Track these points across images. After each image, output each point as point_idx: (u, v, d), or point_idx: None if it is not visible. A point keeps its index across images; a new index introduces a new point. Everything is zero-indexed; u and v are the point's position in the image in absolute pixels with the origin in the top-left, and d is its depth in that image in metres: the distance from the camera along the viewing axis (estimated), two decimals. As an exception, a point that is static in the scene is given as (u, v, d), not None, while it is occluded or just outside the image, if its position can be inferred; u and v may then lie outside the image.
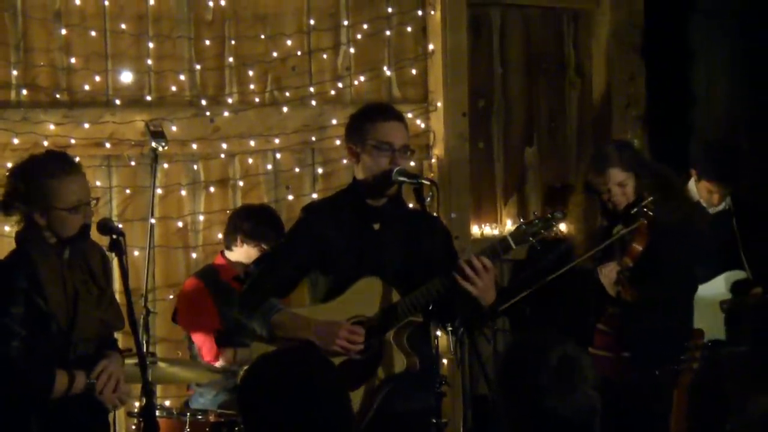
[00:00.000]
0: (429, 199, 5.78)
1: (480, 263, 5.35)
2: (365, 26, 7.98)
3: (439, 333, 6.09)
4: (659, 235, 6.36)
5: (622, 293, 6.28)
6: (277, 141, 7.77)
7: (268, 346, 5.47)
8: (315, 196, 7.75)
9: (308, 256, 5.68)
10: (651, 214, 6.28)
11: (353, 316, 5.53)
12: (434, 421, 5.92)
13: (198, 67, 7.70)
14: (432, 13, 8.02)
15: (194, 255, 7.64)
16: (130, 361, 5.57)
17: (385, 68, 8.03)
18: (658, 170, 6.62)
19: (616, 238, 6.35)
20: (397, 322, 5.50)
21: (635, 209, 6.36)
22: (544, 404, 3.62)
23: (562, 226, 5.93)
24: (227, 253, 7.10)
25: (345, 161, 7.83)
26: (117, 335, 5.84)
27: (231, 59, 7.76)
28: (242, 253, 7.06)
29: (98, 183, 7.36)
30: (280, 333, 5.52)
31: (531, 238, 5.53)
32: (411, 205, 5.74)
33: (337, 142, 7.81)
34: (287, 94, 7.84)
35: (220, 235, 7.29)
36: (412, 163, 6.38)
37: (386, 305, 5.53)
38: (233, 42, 7.76)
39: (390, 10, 8.03)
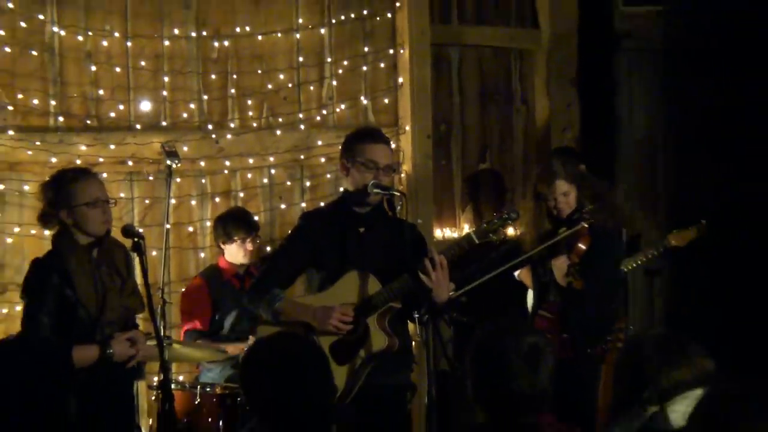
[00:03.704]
0: (399, 207, 5.82)
1: (438, 259, 5.40)
2: (345, 62, 7.98)
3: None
4: (596, 238, 6.39)
5: (573, 283, 6.29)
6: (271, 159, 7.77)
7: (272, 328, 5.53)
8: (304, 205, 7.76)
9: (304, 255, 5.72)
10: (591, 219, 6.32)
11: (343, 303, 5.56)
12: (408, 394, 5.94)
13: (205, 97, 7.69)
14: (401, 51, 8.03)
15: (202, 255, 7.64)
16: (150, 343, 5.58)
17: (362, 98, 8.03)
18: (595, 183, 6.65)
19: (561, 237, 6.36)
20: (379, 307, 5.54)
21: (576, 215, 6.39)
22: (511, 385, 3.64)
23: (511, 230, 5.94)
24: (225, 256, 7.14)
25: (329, 176, 7.87)
26: (139, 321, 5.86)
27: (233, 90, 7.76)
28: (232, 253, 7.10)
29: (122, 194, 7.35)
30: (283, 317, 5.57)
31: (491, 235, 5.57)
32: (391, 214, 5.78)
33: (322, 160, 7.84)
34: (280, 119, 7.84)
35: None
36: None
37: (369, 294, 5.57)
38: (235, 76, 7.76)
39: (366, 49, 8.03)
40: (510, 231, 8.23)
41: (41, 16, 7.35)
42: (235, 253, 7.08)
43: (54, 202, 5.47)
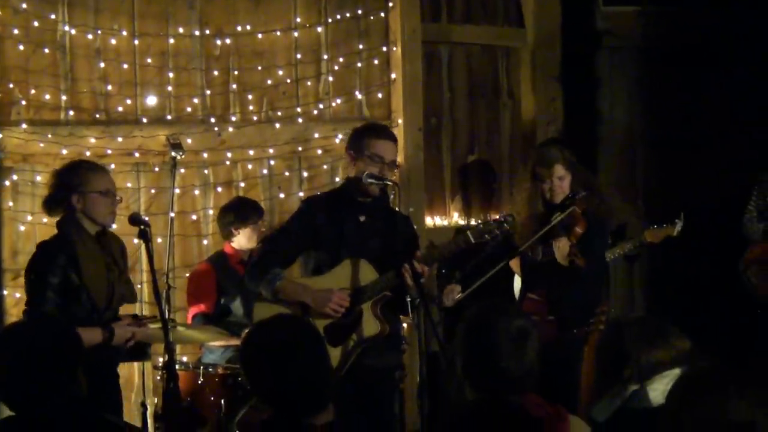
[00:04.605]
0: (392, 196, 5.82)
1: (419, 268, 5.44)
2: (341, 59, 7.97)
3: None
4: (590, 222, 6.37)
5: (576, 261, 6.24)
6: (271, 151, 7.76)
7: (269, 306, 5.53)
8: (301, 194, 7.75)
9: (304, 238, 5.73)
10: (583, 205, 6.29)
11: (341, 288, 5.56)
12: (397, 374, 5.95)
13: (208, 92, 7.68)
14: (394, 49, 8.02)
15: (205, 242, 7.64)
16: (155, 326, 5.58)
17: (356, 93, 8.02)
18: (587, 174, 6.64)
19: (556, 222, 6.32)
20: (374, 295, 5.55)
21: (568, 201, 6.37)
22: (499, 365, 3.63)
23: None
24: (231, 244, 7.11)
25: (325, 166, 7.87)
26: (144, 306, 5.86)
27: (234, 86, 7.74)
28: (243, 239, 7.07)
29: (129, 184, 7.36)
30: (282, 296, 5.58)
31: (486, 236, 5.60)
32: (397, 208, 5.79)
33: (319, 152, 7.83)
34: (279, 113, 7.82)
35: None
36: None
37: (366, 281, 5.57)
38: (236, 72, 7.74)
39: (361, 46, 8.02)
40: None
41: (53, 16, 7.35)
42: (249, 237, 7.04)
43: (67, 185, 5.47)
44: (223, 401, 6.14)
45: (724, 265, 7.93)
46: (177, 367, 5.52)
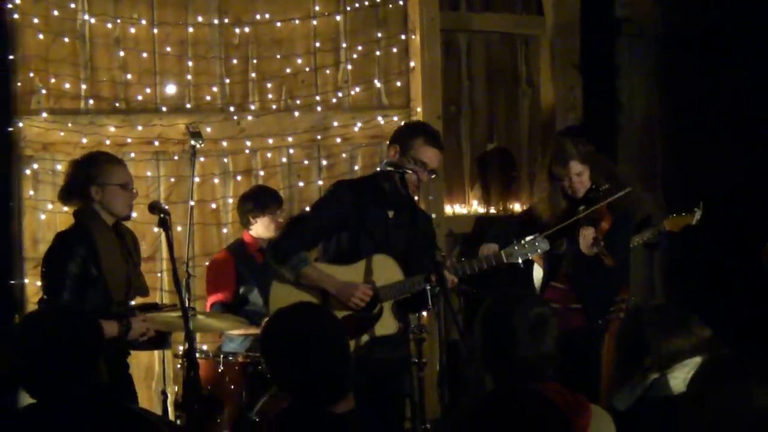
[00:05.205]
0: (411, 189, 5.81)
1: (450, 278, 5.50)
2: (360, 47, 7.96)
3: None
4: (615, 216, 6.34)
5: (605, 260, 6.22)
6: (290, 139, 7.76)
7: (288, 288, 5.53)
8: (320, 183, 7.76)
9: (332, 222, 5.72)
10: (608, 198, 6.26)
11: (365, 281, 5.56)
12: (416, 361, 5.95)
13: (227, 80, 7.68)
14: (413, 37, 8.00)
15: (225, 230, 7.64)
16: (175, 314, 5.59)
17: (375, 81, 8.00)
18: (606, 162, 6.60)
19: (581, 216, 6.30)
20: (397, 295, 5.56)
21: (592, 194, 6.34)
22: (517, 353, 3.63)
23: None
24: (250, 232, 7.11)
25: (344, 155, 7.87)
26: (164, 294, 5.86)
27: (253, 74, 7.74)
28: (260, 228, 7.07)
29: (149, 173, 7.38)
30: (305, 281, 5.57)
31: (519, 258, 5.63)
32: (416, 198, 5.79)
33: (338, 140, 7.83)
34: (298, 101, 7.82)
35: (245, 215, 7.29)
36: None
37: (391, 279, 5.57)
38: (255, 61, 7.74)
39: (379, 34, 8.00)
40: (517, 207, 8.25)
41: (72, 5, 7.36)
42: (267, 226, 7.04)
43: (87, 176, 5.48)
44: (243, 390, 6.15)
45: (745, 253, 7.88)
46: (197, 355, 5.53)
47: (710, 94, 8.69)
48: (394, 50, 8.04)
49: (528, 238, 5.75)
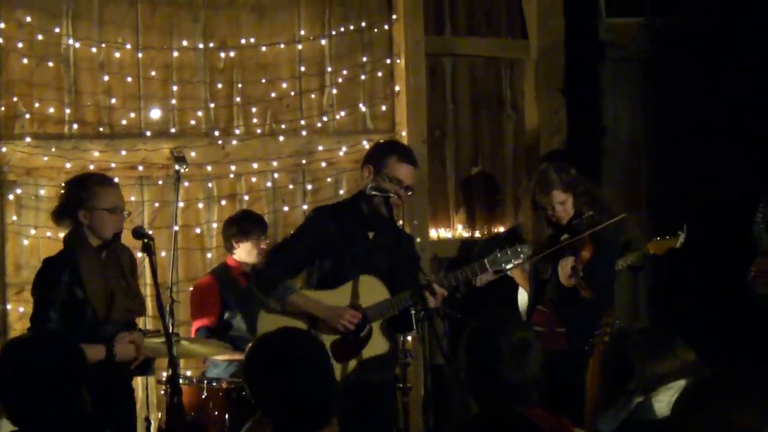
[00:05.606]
0: (395, 209, 5.81)
1: (438, 291, 5.48)
2: (345, 72, 7.96)
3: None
4: (597, 245, 6.35)
5: (582, 292, 6.24)
6: (275, 163, 7.75)
7: (275, 317, 5.51)
8: (305, 207, 7.74)
9: (313, 248, 5.70)
10: (591, 228, 6.27)
11: (352, 305, 5.54)
12: (400, 386, 5.93)
13: (212, 105, 7.68)
14: (398, 61, 8.01)
15: (209, 255, 7.62)
16: (159, 340, 5.56)
17: (360, 105, 8.01)
18: (589, 187, 6.60)
19: (565, 244, 6.32)
20: (386, 315, 5.54)
21: (575, 221, 6.36)
22: (501, 377, 3.62)
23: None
24: (234, 256, 7.10)
25: (329, 179, 7.86)
26: (148, 320, 5.83)
27: (238, 99, 7.74)
28: (243, 253, 7.06)
29: (133, 198, 7.34)
30: (292, 309, 5.55)
31: (503, 265, 5.63)
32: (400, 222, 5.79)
33: (323, 165, 7.82)
34: (283, 126, 7.82)
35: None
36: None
37: (377, 299, 5.55)
38: (240, 85, 7.74)
39: (364, 59, 8.01)
40: (501, 230, 8.25)
41: (57, 30, 7.35)
42: (249, 251, 7.03)
43: (76, 200, 5.46)
44: (227, 416, 6.13)
45: (729, 275, 7.90)
46: (181, 381, 5.50)
47: (696, 116, 8.73)
48: (379, 74, 8.04)
49: (510, 246, 5.74)
